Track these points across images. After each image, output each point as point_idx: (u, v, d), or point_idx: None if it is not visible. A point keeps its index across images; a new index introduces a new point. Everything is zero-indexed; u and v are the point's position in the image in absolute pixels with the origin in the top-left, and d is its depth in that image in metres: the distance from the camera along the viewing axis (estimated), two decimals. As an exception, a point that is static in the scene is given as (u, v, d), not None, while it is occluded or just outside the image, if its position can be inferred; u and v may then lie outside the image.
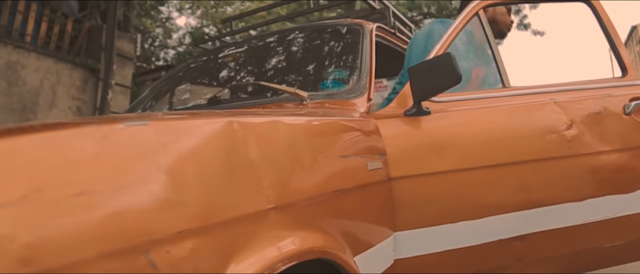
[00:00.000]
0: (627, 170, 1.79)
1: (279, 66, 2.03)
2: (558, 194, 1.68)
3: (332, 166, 1.14)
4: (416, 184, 1.48)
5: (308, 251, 0.93)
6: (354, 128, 1.35)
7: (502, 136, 1.68)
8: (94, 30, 8.04)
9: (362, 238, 1.23)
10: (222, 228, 0.75)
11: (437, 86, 1.47)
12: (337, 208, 1.13)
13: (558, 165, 1.69)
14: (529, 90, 1.86)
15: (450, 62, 1.42)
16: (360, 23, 2.04)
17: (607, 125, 1.80)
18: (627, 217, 1.75)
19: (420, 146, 1.53)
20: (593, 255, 1.80)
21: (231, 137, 0.85)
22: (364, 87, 1.64)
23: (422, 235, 1.48)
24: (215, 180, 0.78)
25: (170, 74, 2.47)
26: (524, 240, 1.63)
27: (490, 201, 1.59)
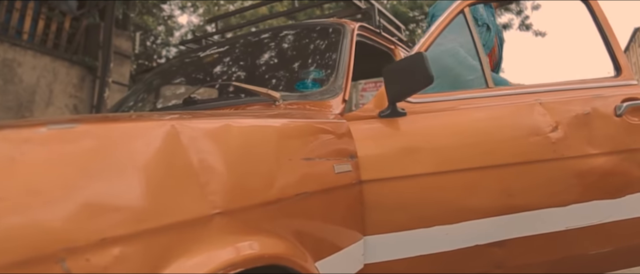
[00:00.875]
0: (615, 174, 1.71)
1: (258, 66, 2.00)
2: (541, 199, 1.61)
3: (293, 169, 1.11)
4: (388, 187, 1.44)
5: (258, 257, 0.90)
6: (320, 130, 1.32)
7: (481, 139, 1.62)
8: (92, 28, 8.04)
9: (326, 242, 1.21)
10: (155, 234, 0.73)
11: (410, 87, 1.44)
12: (298, 212, 1.10)
13: (541, 168, 1.62)
14: (514, 90, 1.82)
15: (422, 62, 1.39)
16: (341, 23, 2.01)
17: (596, 127, 1.72)
18: (614, 223, 1.67)
19: (393, 148, 1.49)
20: (577, 262, 1.72)
21: (170, 142, 0.82)
22: (340, 88, 1.61)
23: (394, 239, 1.45)
24: (149, 185, 0.75)
25: (153, 73, 2.45)
26: (503, 246, 1.57)
27: (467, 206, 1.54)
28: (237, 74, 1.99)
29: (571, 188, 1.66)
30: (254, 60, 2.06)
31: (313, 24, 2.11)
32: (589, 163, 1.69)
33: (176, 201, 0.78)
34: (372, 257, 1.42)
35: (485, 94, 1.74)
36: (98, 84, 7.69)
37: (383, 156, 1.47)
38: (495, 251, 1.57)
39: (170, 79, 2.32)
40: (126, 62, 8.87)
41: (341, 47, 1.81)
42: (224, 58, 2.16)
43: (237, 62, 2.09)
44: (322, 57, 1.85)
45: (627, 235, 1.72)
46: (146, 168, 0.76)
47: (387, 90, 1.49)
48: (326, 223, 1.22)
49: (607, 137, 1.73)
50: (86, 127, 0.72)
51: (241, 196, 0.93)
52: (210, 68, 2.14)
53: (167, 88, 2.25)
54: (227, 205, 0.88)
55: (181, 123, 0.88)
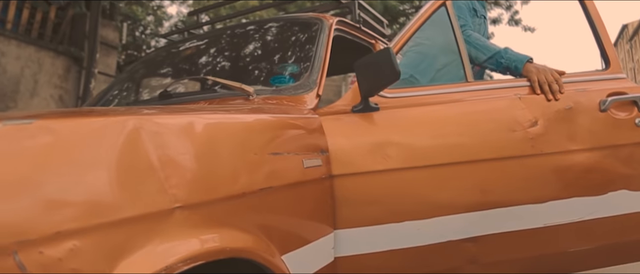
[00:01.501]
0: (597, 171, 1.68)
1: (235, 60, 2.01)
2: (517, 195, 1.60)
3: (259, 164, 1.12)
4: (359, 182, 1.46)
5: (219, 250, 0.92)
6: (290, 125, 1.33)
7: (455, 134, 1.61)
8: (78, 18, 7.98)
9: (294, 236, 1.22)
10: (111, 228, 0.74)
11: (378, 82, 1.45)
12: (264, 206, 1.12)
13: (518, 164, 1.61)
14: (494, 85, 1.81)
15: (389, 58, 1.40)
16: (319, 17, 2.01)
17: (578, 122, 1.70)
18: (595, 221, 1.65)
19: (365, 143, 1.50)
20: (556, 260, 1.71)
21: (130, 137, 0.83)
22: (314, 83, 1.62)
23: (365, 234, 1.47)
24: (105, 180, 0.76)
25: (133, 66, 2.45)
26: (477, 242, 1.57)
27: (439, 201, 1.53)
28: (215, 68, 2.00)
29: (550, 185, 1.64)
30: (232, 54, 2.07)
31: (291, 19, 2.12)
32: (569, 159, 1.67)
33: (134, 195, 0.79)
34: (342, 250, 1.44)
35: (462, 88, 1.74)
36: (84, 75, 7.65)
37: (354, 151, 1.48)
38: (469, 247, 1.57)
39: (150, 72, 2.31)
40: (113, 52, 8.82)
41: (317, 42, 1.82)
42: (202, 52, 2.16)
43: (215, 56, 2.10)
44: (298, 51, 1.86)
45: (608, 233, 1.70)
46: (103, 163, 0.77)
47: (359, 85, 1.51)
48: (294, 217, 1.24)
49: (590, 132, 1.70)
50: (43, 123, 0.73)
51: (204, 190, 0.95)
52: (189, 61, 2.15)
53: (146, 81, 2.25)
54: (189, 199, 0.89)
55: (143, 118, 0.89)
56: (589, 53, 1.92)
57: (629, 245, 1.75)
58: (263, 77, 1.82)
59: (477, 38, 2.05)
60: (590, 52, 2.06)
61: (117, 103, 2.12)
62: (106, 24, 8.64)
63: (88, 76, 7.60)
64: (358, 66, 1.49)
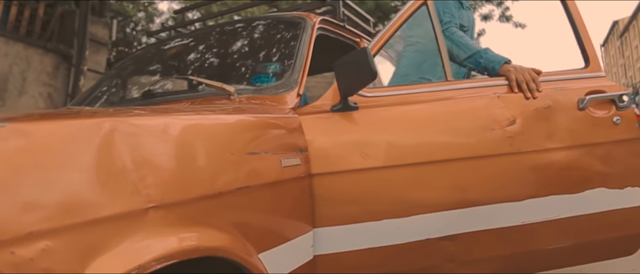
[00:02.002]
0: (575, 169, 1.71)
1: (219, 59, 2.03)
2: (495, 193, 1.62)
3: (235, 164, 1.14)
4: (338, 180, 1.48)
5: (194, 249, 0.94)
6: (268, 125, 1.35)
7: (434, 133, 1.63)
8: (67, 15, 7.92)
9: (271, 234, 1.24)
10: (84, 228, 0.76)
11: (356, 82, 1.47)
12: (241, 205, 1.14)
13: (497, 163, 1.63)
14: (473, 84, 1.83)
15: (365, 58, 1.42)
16: (302, 16, 2.03)
17: (556, 121, 1.73)
18: (573, 218, 1.68)
19: (343, 142, 1.53)
20: (534, 257, 1.73)
21: (104, 139, 0.85)
22: (295, 82, 1.64)
23: (344, 232, 1.49)
24: (78, 181, 0.78)
25: (119, 64, 2.45)
26: (455, 240, 1.59)
27: (418, 200, 1.55)
28: (200, 66, 2.01)
29: (528, 183, 1.66)
30: (216, 52, 2.08)
31: (275, 18, 2.13)
32: (547, 157, 1.69)
33: (108, 196, 0.81)
34: (322, 248, 1.46)
35: (441, 87, 1.76)
36: (73, 72, 7.61)
37: (333, 150, 1.50)
38: (447, 245, 1.59)
39: (135, 70, 2.32)
40: (102, 49, 8.77)
41: (299, 42, 1.83)
42: (187, 50, 2.17)
43: (200, 55, 2.11)
44: (280, 50, 1.87)
45: (585, 231, 1.72)
46: (77, 165, 0.79)
47: (338, 84, 1.53)
48: (271, 215, 1.26)
49: (568, 131, 1.73)
50: (16, 126, 0.74)
51: (179, 190, 0.96)
52: (174, 60, 2.16)
53: (132, 79, 2.26)
54: (164, 199, 0.91)
55: (118, 120, 0.91)
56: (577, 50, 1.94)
57: (605, 243, 1.79)
58: (246, 76, 1.83)
59: (460, 36, 2.07)
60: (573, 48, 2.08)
61: (103, 102, 2.13)
62: (95, 21, 8.59)
63: (77, 74, 7.57)
64: (337, 66, 1.51)
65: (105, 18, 9.45)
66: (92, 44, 8.19)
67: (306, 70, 1.72)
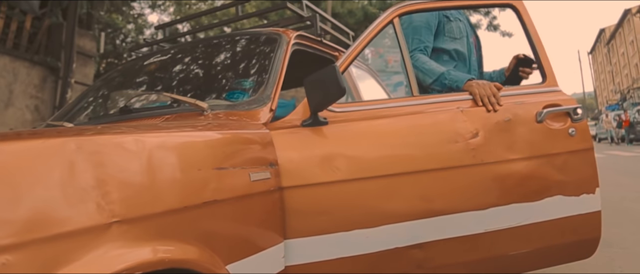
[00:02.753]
0: (534, 178, 1.80)
1: (196, 74, 2.07)
2: (460, 203, 1.70)
3: (202, 179, 1.18)
4: (309, 193, 1.52)
5: (158, 261, 0.98)
6: (237, 140, 1.39)
7: (400, 146, 1.70)
8: (55, 27, 7.94)
9: (239, 246, 1.28)
10: (45, 243, 0.80)
11: (325, 98, 1.52)
12: (207, 219, 1.18)
13: (461, 174, 1.71)
14: (437, 99, 1.89)
15: (334, 75, 1.48)
16: (278, 32, 2.08)
17: (516, 133, 1.81)
18: (533, 225, 1.78)
19: (314, 156, 1.57)
20: (497, 263, 1.80)
21: (68, 158, 0.89)
22: (268, 97, 1.69)
23: (316, 242, 1.53)
24: (42, 198, 0.82)
25: (100, 80, 2.49)
26: (423, 248, 1.66)
27: (386, 210, 1.61)
28: (177, 82, 2.05)
29: (490, 192, 1.74)
30: (193, 68, 2.13)
31: (251, 34, 2.18)
32: (508, 168, 1.77)
33: (70, 212, 0.85)
34: (293, 259, 1.50)
35: (407, 102, 1.82)
36: (60, 85, 7.61)
37: (304, 164, 1.54)
38: (415, 253, 1.65)
39: (115, 85, 2.36)
40: (90, 62, 8.79)
41: (274, 57, 1.88)
42: (165, 66, 2.22)
43: (178, 71, 2.15)
44: (255, 66, 1.92)
45: (545, 236, 1.82)
46: (41, 183, 0.83)
47: (309, 100, 1.58)
48: (240, 228, 1.30)
49: (527, 142, 1.82)
50: None
51: (144, 205, 1.01)
52: (152, 76, 2.20)
53: (110, 95, 2.30)
54: (128, 214, 0.95)
55: (83, 139, 0.95)
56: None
57: (564, 247, 1.87)
58: (220, 92, 1.88)
59: (423, 62, 2.17)
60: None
61: (83, 117, 2.16)
62: (83, 33, 8.61)
63: (64, 86, 7.58)
64: (307, 82, 1.56)
65: (92, 31, 9.47)
66: (80, 57, 8.21)
67: (279, 85, 1.76)
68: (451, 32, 2.36)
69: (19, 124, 6.82)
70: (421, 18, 2.33)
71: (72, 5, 8.08)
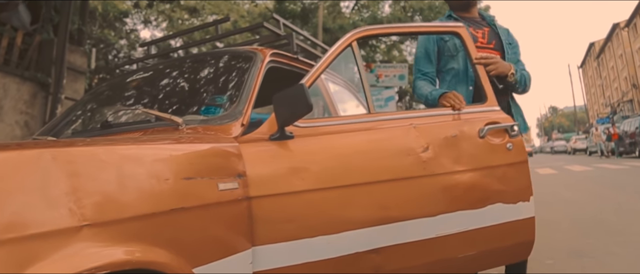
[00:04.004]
0: (478, 188, 2.00)
1: (173, 91, 2.18)
2: (413, 210, 1.85)
3: (170, 188, 1.28)
4: (275, 202, 1.63)
5: (124, 262, 1.08)
6: (206, 153, 1.50)
7: (359, 158, 1.84)
8: (46, 43, 8.04)
9: (206, 251, 1.38)
10: (21, 241, 0.90)
11: (293, 114, 1.65)
12: (175, 224, 1.28)
13: (413, 184, 1.87)
14: (393, 116, 2.08)
15: (303, 93, 1.60)
16: (254, 50, 2.20)
17: (462, 147, 2.01)
18: (477, 230, 1.96)
19: (280, 167, 1.69)
20: (447, 265, 1.97)
21: (44, 167, 1.00)
22: (240, 113, 1.79)
23: (282, 249, 1.63)
24: (19, 202, 0.93)
25: (85, 97, 2.60)
26: (380, 253, 1.79)
27: (346, 217, 1.74)
28: (155, 98, 2.16)
29: (440, 201, 1.92)
30: (172, 85, 2.24)
31: (229, 52, 2.30)
32: (455, 179, 1.97)
33: (44, 215, 0.96)
34: (261, 265, 1.60)
35: (367, 118, 1.97)
36: (50, 101, 7.70)
37: (271, 175, 1.65)
38: (373, 257, 1.78)
39: (99, 101, 2.47)
40: (80, 78, 8.88)
41: (249, 74, 2.00)
42: (146, 83, 2.33)
43: (158, 87, 2.26)
44: (230, 83, 2.03)
45: (488, 240, 2.01)
46: (19, 189, 0.94)
47: (277, 116, 1.69)
48: (207, 233, 1.40)
49: (472, 156, 2.02)
50: None
51: (113, 211, 1.11)
52: (133, 92, 2.31)
53: (94, 110, 2.40)
54: (97, 218, 1.06)
55: (58, 150, 1.06)
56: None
57: (505, 249, 2.10)
58: (197, 107, 1.99)
59: (418, 87, 2.49)
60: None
61: (67, 132, 2.26)
62: (74, 49, 8.72)
63: (54, 102, 7.66)
64: (276, 99, 1.68)
65: (83, 47, 9.59)
66: (70, 73, 8.31)
67: (252, 101, 1.87)
68: (449, 51, 2.54)
69: (8, 140, 6.89)
70: (420, 48, 2.60)
71: (63, 21, 8.19)
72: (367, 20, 20.30)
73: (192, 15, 23.29)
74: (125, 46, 26.26)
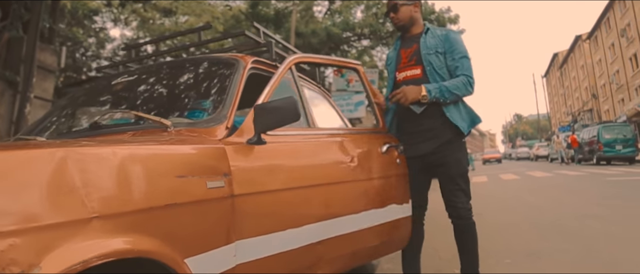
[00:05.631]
0: (383, 192, 2.58)
1: (159, 95, 2.29)
2: (346, 208, 2.30)
3: (165, 185, 1.41)
4: (254, 200, 1.81)
5: (128, 250, 1.20)
6: (195, 154, 1.63)
7: (310, 164, 2.23)
8: (15, 41, 7.95)
9: (196, 243, 1.50)
10: (40, 230, 1.02)
11: (280, 121, 1.85)
12: (169, 218, 1.40)
13: (345, 187, 2.36)
14: (330, 131, 2.55)
15: (294, 104, 1.84)
16: (236, 57, 2.33)
17: (372, 160, 2.58)
18: (381, 225, 2.52)
19: (258, 169, 1.88)
20: (362, 253, 2.50)
21: (58, 164, 1.12)
22: (224, 117, 1.92)
23: (260, 242, 1.80)
24: (37, 196, 1.05)
25: (68, 97, 2.67)
26: (323, 244, 2.13)
27: (304, 213, 2.08)
28: (142, 101, 2.26)
29: (361, 201, 2.43)
30: (158, 88, 2.35)
31: (212, 58, 2.42)
32: (370, 184, 2.52)
33: (59, 207, 1.08)
34: (243, 257, 1.74)
35: (311, 132, 2.36)
36: (18, 99, 7.61)
37: (251, 175, 1.83)
38: (319, 248, 2.12)
39: (83, 103, 2.55)
40: (50, 77, 8.79)
41: (232, 80, 2.13)
42: (132, 86, 2.43)
43: (143, 90, 2.37)
44: (214, 88, 2.16)
45: (389, 231, 2.60)
46: (36, 184, 1.05)
47: (256, 123, 1.85)
48: (197, 227, 1.52)
49: (378, 167, 2.59)
50: None
51: (117, 205, 1.23)
52: (119, 95, 2.41)
53: (78, 112, 2.49)
54: (104, 211, 1.18)
55: (70, 150, 1.18)
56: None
57: (397, 239, 2.73)
58: (182, 111, 2.11)
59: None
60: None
61: (51, 131, 2.34)
62: (44, 47, 8.63)
63: (23, 101, 7.58)
64: (259, 108, 1.86)
65: (54, 45, 9.48)
66: (40, 71, 8.22)
67: (235, 105, 2.01)
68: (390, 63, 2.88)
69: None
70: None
71: (34, 18, 8.11)
72: (340, 25, 20.53)
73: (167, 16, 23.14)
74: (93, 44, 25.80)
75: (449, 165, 2.57)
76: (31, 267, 0.99)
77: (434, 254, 3.83)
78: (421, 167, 2.68)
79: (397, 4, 2.69)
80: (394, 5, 2.70)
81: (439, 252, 3.92)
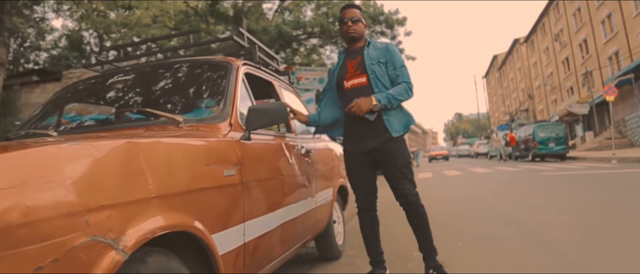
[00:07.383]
0: (306, 185, 3.06)
1: (162, 93, 2.52)
2: (293, 197, 2.75)
3: (198, 172, 1.69)
4: (255, 186, 2.15)
5: (178, 225, 1.48)
6: (217, 146, 1.91)
7: (279, 159, 2.64)
8: (-36, 32, 7.72)
9: (217, 222, 1.78)
10: (122, 206, 1.28)
11: (270, 122, 2.23)
12: (200, 200, 1.67)
13: (294, 180, 2.83)
14: (294, 137, 3.13)
15: (283, 108, 2.24)
16: (229, 60, 2.59)
17: (301, 160, 3.02)
18: (307, 212, 3.03)
19: (254, 160, 2.21)
20: (297, 236, 2.87)
21: (127, 152, 1.37)
22: (227, 114, 2.20)
23: (258, 222, 2.14)
24: (116, 178, 1.30)
25: (62, 93, 2.83)
26: (283, 227, 2.52)
27: (280, 200, 2.52)
28: (144, 99, 2.49)
29: (298, 192, 2.89)
30: (159, 87, 2.58)
31: (208, 61, 2.67)
32: (302, 179, 2.99)
33: (134, 188, 1.34)
34: (250, 236, 2.03)
35: (276, 134, 2.83)
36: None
37: (252, 165, 2.15)
38: (279, 231, 2.48)
39: (83, 98, 2.73)
40: None
41: (229, 81, 2.40)
42: (132, 84, 2.64)
43: (144, 89, 2.59)
44: (215, 88, 2.41)
45: (310, 219, 3.12)
46: (118, 168, 1.32)
47: (249, 122, 2.19)
48: (217, 210, 1.80)
49: (303, 166, 3.03)
50: (85, 144, 1.26)
51: (167, 188, 1.50)
52: (121, 92, 2.61)
53: (80, 107, 2.67)
54: (160, 192, 1.45)
55: (132, 142, 1.43)
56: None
57: (318, 224, 3.36)
58: (186, 108, 2.36)
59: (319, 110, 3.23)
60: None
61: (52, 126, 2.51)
62: (-6, 39, 8.42)
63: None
64: (252, 109, 2.21)
65: (3, 36, 9.25)
66: (-8, 64, 8.03)
67: (235, 104, 2.28)
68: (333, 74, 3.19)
69: None
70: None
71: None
72: (290, 23, 20.76)
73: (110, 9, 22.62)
74: (31, 35, 24.76)
75: (393, 156, 2.88)
76: (120, 234, 1.25)
77: (391, 241, 4.22)
78: (370, 160, 2.95)
79: (360, 18, 3.01)
80: (357, 19, 3.00)
81: (396, 238, 4.33)
